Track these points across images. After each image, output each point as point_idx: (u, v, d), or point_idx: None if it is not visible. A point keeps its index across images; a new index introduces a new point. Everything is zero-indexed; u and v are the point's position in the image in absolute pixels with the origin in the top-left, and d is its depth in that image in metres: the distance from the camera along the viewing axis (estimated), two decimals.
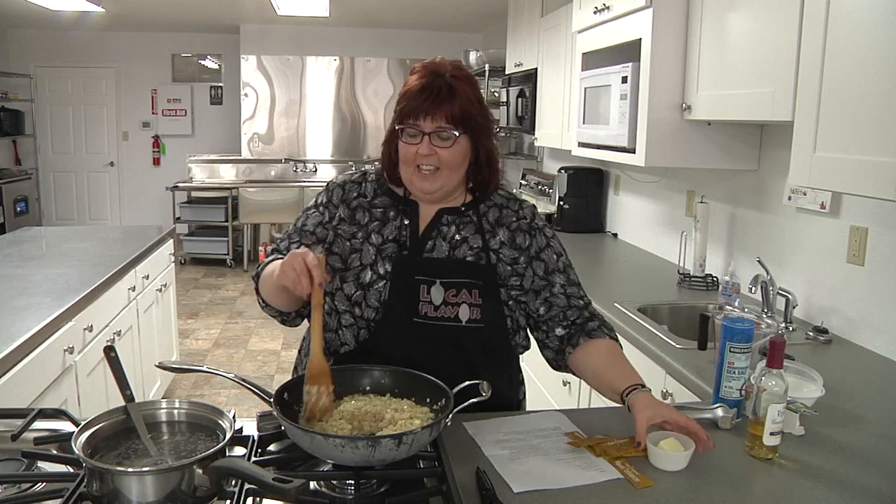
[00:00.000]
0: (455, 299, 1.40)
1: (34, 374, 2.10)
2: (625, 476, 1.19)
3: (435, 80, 1.37)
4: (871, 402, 1.67)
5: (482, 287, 1.42)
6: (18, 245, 3.44)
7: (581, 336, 1.45)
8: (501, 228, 1.48)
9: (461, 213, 1.47)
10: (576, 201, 4.06)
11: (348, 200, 1.48)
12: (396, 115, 1.40)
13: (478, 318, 1.40)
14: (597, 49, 2.99)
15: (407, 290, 1.40)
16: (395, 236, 1.44)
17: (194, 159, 7.77)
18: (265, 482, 0.96)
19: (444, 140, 1.37)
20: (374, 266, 1.42)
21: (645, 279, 3.01)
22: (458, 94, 1.37)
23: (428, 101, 1.35)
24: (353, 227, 1.46)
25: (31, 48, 7.92)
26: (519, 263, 1.47)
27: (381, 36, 7.69)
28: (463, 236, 1.45)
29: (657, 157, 2.54)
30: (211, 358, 4.76)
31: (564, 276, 1.50)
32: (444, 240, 1.45)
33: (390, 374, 1.30)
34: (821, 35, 1.65)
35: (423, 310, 1.39)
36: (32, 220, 7.35)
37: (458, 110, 1.36)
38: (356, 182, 1.51)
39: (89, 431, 1.11)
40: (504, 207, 1.50)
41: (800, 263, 2.35)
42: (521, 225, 1.49)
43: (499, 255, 1.46)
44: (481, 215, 1.48)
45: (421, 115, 1.36)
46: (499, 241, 1.46)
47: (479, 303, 1.41)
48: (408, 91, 1.38)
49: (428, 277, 1.40)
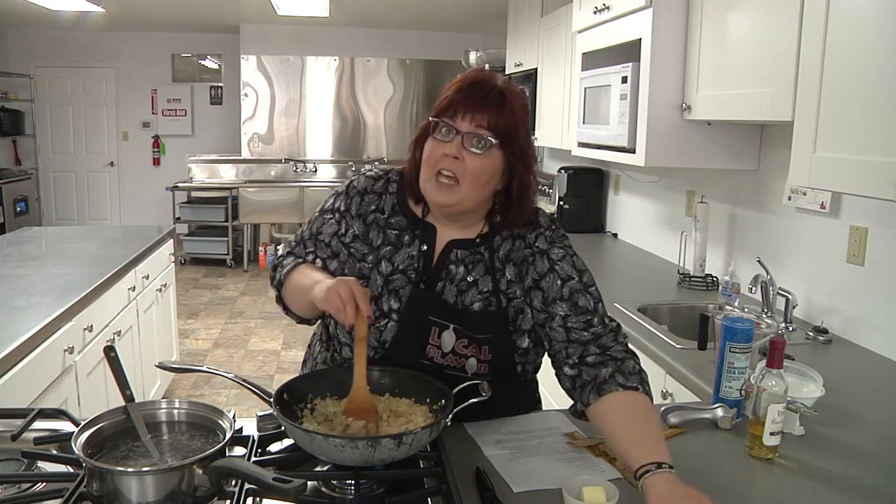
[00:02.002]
0: (465, 351, 1.31)
1: (34, 374, 2.10)
2: (625, 476, 1.19)
3: (487, 83, 1.26)
4: (871, 402, 1.67)
5: (492, 340, 1.32)
6: (18, 245, 3.44)
7: (591, 393, 1.23)
8: (509, 264, 1.35)
9: (473, 247, 1.35)
10: (576, 201, 4.06)
11: (365, 215, 1.38)
12: (434, 110, 1.28)
13: (485, 372, 1.32)
14: (597, 49, 2.99)
15: (418, 329, 1.31)
16: (405, 266, 1.35)
17: (194, 159, 7.77)
18: (265, 482, 0.96)
19: (476, 145, 1.23)
20: (379, 301, 1.33)
21: (645, 279, 3.01)
22: (508, 105, 1.25)
23: (472, 98, 1.23)
24: (366, 247, 1.37)
25: (31, 48, 7.92)
26: (517, 298, 1.34)
27: (381, 36, 7.70)
28: (473, 279, 1.33)
29: (657, 157, 2.54)
30: (211, 358, 4.76)
31: (569, 305, 1.31)
32: (452, 283, 1.33)
33: (390, 374, 1.30)
34: (821, 35, 1.65)
35: (430, 353, 1.31)
36: (32, 220, 7.35)
37: (503, 120, 1.23)
38: (377, 193, 1.39)
39: (89, 431, 1.11)
40: (518, 238, 1.36)
41: (800, 263, 2.35)
42: (525, 255, 1.35)
43: (508, 297, 1.34)
44: (494, 250, 1.35)
45: (461, 111, 1.23)
46: (506, 281, 1.34)
47: (487, 359, 1.32)
48: (454, 86, 1.27)
49: (442, 320, 1.31)
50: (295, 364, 4.60)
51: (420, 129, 1.32)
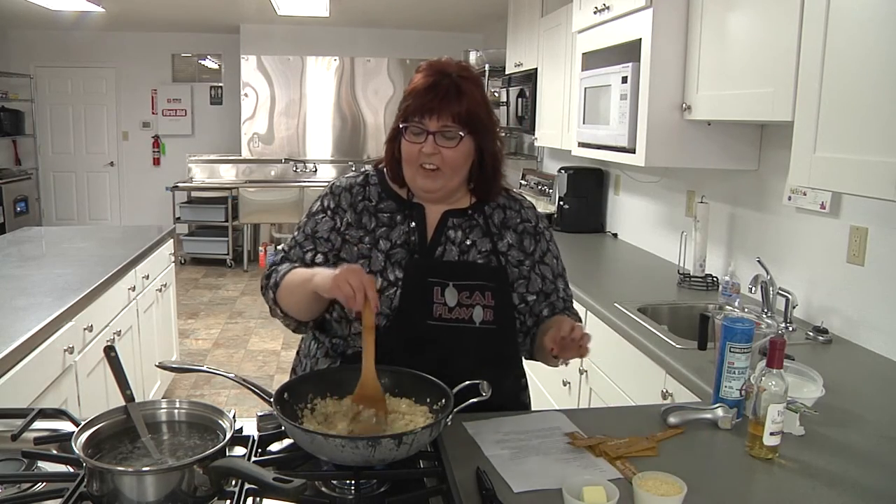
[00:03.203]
0: (469, 301, 1.39)
1: (34, 374, 2.10)
2: (625, 476, 1.18)
3: (442, 80, 1.36)
4: (871, 402, 1.67)
5: (494, 289, 1.41)
6: (18, 245, 3.44)
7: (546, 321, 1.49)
8: (508, 231, 1.48)
9: (467, 215, 1.47)
10: (576, 201, 4.06)
11: (355, 204, 1.46)
12: (401, 112, 1.39)
13: (490, 319, 1.40)
14: (597, 49, 2.99)
15: (421, 293, 1.38)
16: (403, 240, 1.43)
17: (194, 159, 7.77)
18: (265, 482, 0.96)
19: (448, 140, 1.36)
20: (384, 273, 1.40)
21: (645, 279, 3.01)
22: (465, 94, 1.36)
23: (434, 100, 1.34)
24: (360, 231, 1.44)
25: (31, 48, 7.92)
26: (524, 266, 1.48)
27: (381, 36, 7.70)
28: (472, 240, 1.45)
29: (657, 157, 2.54)
30: (211, 358, 4.76)
31: (563, 281, 1.54)
32: (454, 244, 1.44)
33: (390, 374, 1.30)
34: (821, 35, 1.65)
35: (437, 312, 1.38)
36: (32, 220, 7.35)
37: (465, 111, 1.35)
38: (360, 185, 1.49)
39: (89, 431, 1.11)
40: (507, 208, 1.51)
41: (800, 263, 2.35)
42: (528, 228, 1.50)
43: (507, 258, 1.47)
44: (487, 217, 1.48)
45: (427, 113, 1.35)
46: (507, 244, 1.47)
47: (492, 304, 1.40)
48: (414, 89, 1.37)
49: (441, 280, 1.39)
50: None
51: (392, 130, 1.43)
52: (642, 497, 1.08)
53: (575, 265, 3.28)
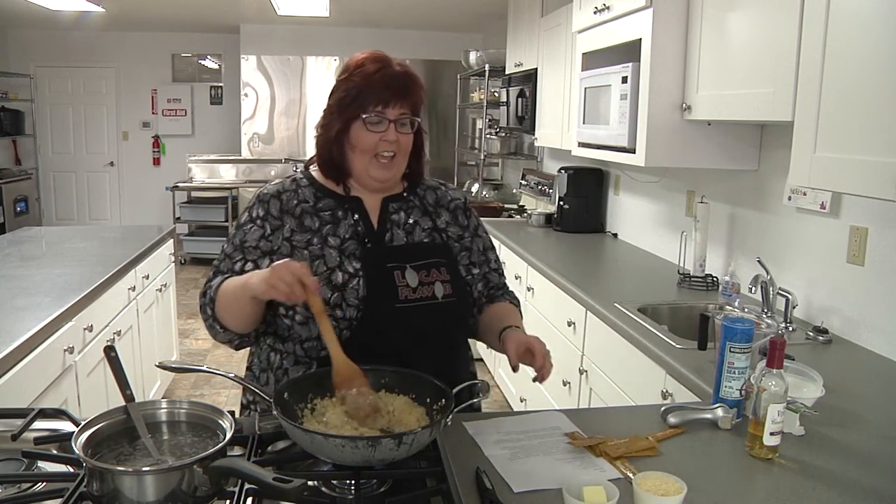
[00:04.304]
0: (428, 279, 1.44)
1: (34, 374, 2.10)
2: (625, 476, 1.19)
3: (394, 70, 1.41)
4: (871, 402, 1.67)
5: (447, 264, 1.48)
6: (18, 245, 3.45)
7: (486, 303, 1.58)
8: (442, 209, 1.56)
9: (404, 198, 1.53)
10: (576, 201, 4.06)
11: (291, 210, 1.46)
12: (354, 106, 1.39)
13: (451, 293, 1.45)
14: (597, 49, 2.99)
15: (383, 279, 1.41)
16: (351, 233, 1.45)
17: (194, 159, 7.77)
18: (265, 482, 0.96)
19: (404, 127, 1.42)
20: (343, 266, 1.41)
21: (645, 279, 3.01)
22: (415, 82, 1.44)
23: (395, 90, 1.39)
24: (307, 234, 1.44)
25: (31, 48, 7.92)
26: (465, 239, 1.56)
27: (381, 36, 7.68)
28: (414, 220, 1.51)
29: (657, 157, 2.54)
30: (211, 358, 4.76)
31: (493, 254, 1.63)
32: (399, 227, 1.49)
33: (390, 374, 1.30)
34: (821, 35, 1.65)
35: (402, 294, 1.40)
36: (32, 220, 7.35)
37: (418, 98, 1.44)
38: (291, 190, 1.49)
39: (89, 431, 1.11)
40: (436, 189, 1.59)
41: (800, 263, 2.35)
42: (458, 205, 1.59)
43: (447, 234, 1.53)
44: (421, 198, 1.55)
45: (390, 103, 1.39)
46: (444, 221, 1.55)
47: (448, 279, 1.46)
48: (368, 81, 1.39)
49: (398, 263, 1.43)
50: None
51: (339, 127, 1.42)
52: (642, 497, 1.08)
53: (575, 265, 3.29)
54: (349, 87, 1.41)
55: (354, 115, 1.40)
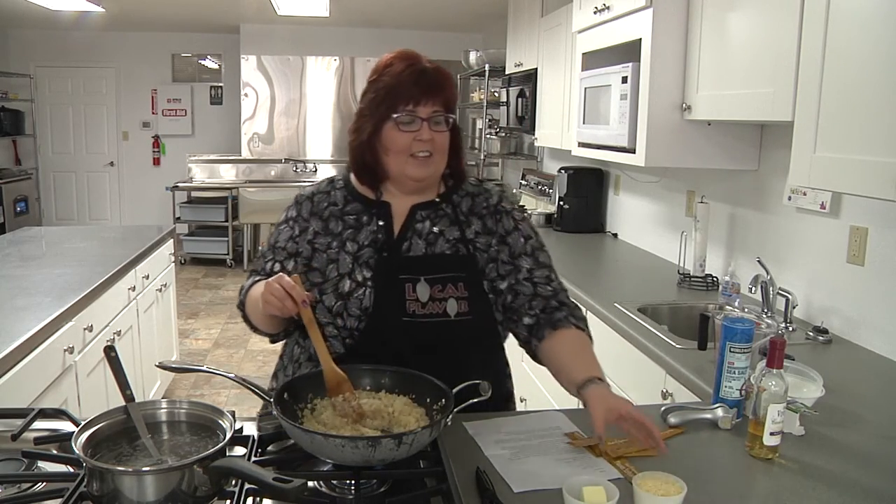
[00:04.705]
0: (441, 294, 1.38)
1: (34, 374, 2.10)
2: (625, 476, 1.18)
3: (423, 67, 1.37)
4: (871, 402, 1.67)
5: (466, 279, 1.40)
6: (18, 245, 3.44)
7: (547, 328, 1.42)
8: (475, 217, 1.47)
9: (435, 205, 1.46)
10: (576, 201, 4.06)
11: (319, 212, 1.47)
12: (385, 106, 1.36)
13: (466, 310, 1.38)
14: (597, 49, 2.99)
15: (392, 291, 1.37)
16: (371, 240, 1.42)
17: (194, 159, 7.77)
18: (265, 482, 0.96)
19: (438, 125, 1.38)
20: (352, 274, 1.39)
21: (645, 279, 3.01)
22: (447, 79, 1.40)
23: (425, 87, 1.35)
24: (329, 237, 1.44)
25: (31, 48, 7.92)
26: (493, 248, 1.45)
27: (381, 36, 7.69)
28: (439, 230, 1.44)
29: (657, 157, 2.54)
30: (211, 358, 4.76)
31: (532, 260, 1.47)
32: (420, 237, 1.43)
33: (390, 374, 1.30)
34: (821, 35, 1.65)
35: (410, 308, 1.36)
36: (32, 220, 7.35)
37: (451, 96, 1.40)
38: (324, 192, 1.50)
39: (89, 431, 1.11)
40: (476, 196, 1.50)
41: (800, 263, 2.35)
42: (489, 209, 1.49)
43: (475, 245, 1.44)
44: (455, 206, 1.47)
45: (421, 100, 1.35)
46: (474, 231, 1.46)
47: (465, 295, 1.39)
48: (397, 80, 1.36)
49: (411, 276, 1.38)
50: None
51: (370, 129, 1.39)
52: (642, 497, 1.08)
53: (575, 265, 3.29)
54: (378, 87, 1.38)
55: (385, 116, 1.37)
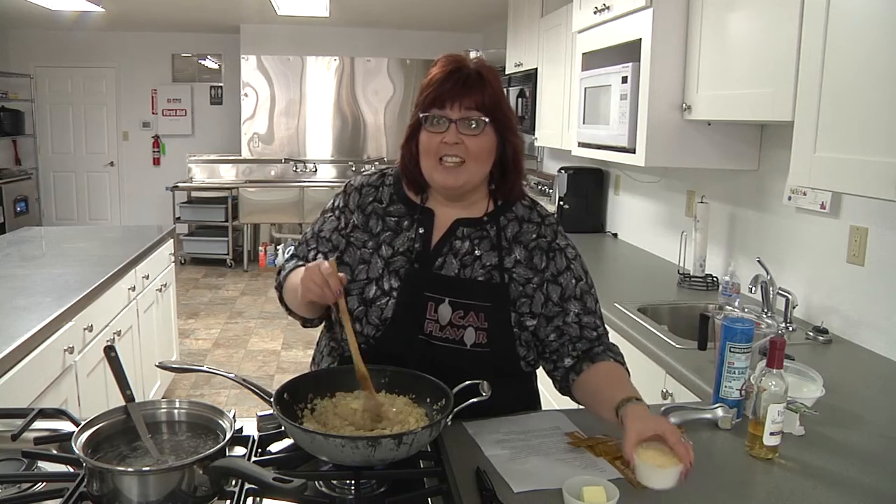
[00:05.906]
0: (461, 321, 1.33)
1: (34, 374, 2.10)
2: (625, 476, 1.18)
3: (461, 68, 1.31)
4: (871, 402, 1.67)
5: (490, 309, 1.34)
6: (18, 245, 3.44)
7: (585, 362, 1.36)
8: (518, 246, 1.38)
9: (481, 224, 1.39)
10: (576, 201, 4.06)
11: (363, 206, 1.43)
12: (419, 105, 1.33)
13: (483, 342, 1.33)
14: (597, 49, 2.99)
15: (414, 306, 1.34)
16: (406, 248, 1.38)
17: (194, 159, 7.77)
18: (265, 482, 0.96)
19: (471, 129, 1.29)
20: (380, 281, 1.37)
21: (645, 279, 3.01)
22: (487, 82, 1.31)
23: (455, 87, 1.29)
24: (366, 235, 1.41)
25: (31, 48, 7.92)
26: (531, 284, 1.37)
27: (381, 36, 7.69)
28: (477, 253, 1.37)
29: (657, 157, 2.54)
30: (211, 358, 4.76)
31: (580, 304, 1.40)
32: (456, 256, 1.37)
33: (390, 374, 1.30)
34: (821, 35, 1.65)
35: (428, 328, 1.34)
36: (32, 220, 7.35)
37: (488, 98, 1.30)
38: (374, 186, 1.45)
39: (89, 431, 1.11)
40: (525, 221, 1.41)
41: (800, 263, 2.35)
42: (541, 244, 1.39)
43: (511, 275, 1.37)
44: (501, 229, 1.39)
45: (448, 101, 1.29)
46: (513, 260, 1.37)
47: (484, 327, 1.33)
48: (432, 79, 1.31)
49: (437, 295, 1.34)
50: (295, 364, 4.60)
51: (410, 127, 1.37)
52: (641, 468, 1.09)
53: None
54: (422, 87, 1.34)
55: (418, 118, 1.33)
